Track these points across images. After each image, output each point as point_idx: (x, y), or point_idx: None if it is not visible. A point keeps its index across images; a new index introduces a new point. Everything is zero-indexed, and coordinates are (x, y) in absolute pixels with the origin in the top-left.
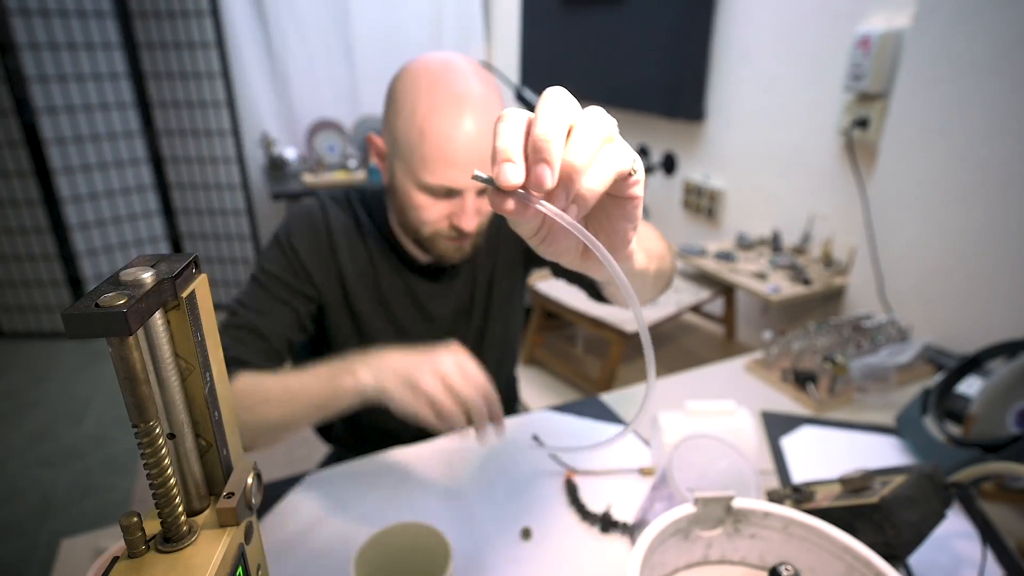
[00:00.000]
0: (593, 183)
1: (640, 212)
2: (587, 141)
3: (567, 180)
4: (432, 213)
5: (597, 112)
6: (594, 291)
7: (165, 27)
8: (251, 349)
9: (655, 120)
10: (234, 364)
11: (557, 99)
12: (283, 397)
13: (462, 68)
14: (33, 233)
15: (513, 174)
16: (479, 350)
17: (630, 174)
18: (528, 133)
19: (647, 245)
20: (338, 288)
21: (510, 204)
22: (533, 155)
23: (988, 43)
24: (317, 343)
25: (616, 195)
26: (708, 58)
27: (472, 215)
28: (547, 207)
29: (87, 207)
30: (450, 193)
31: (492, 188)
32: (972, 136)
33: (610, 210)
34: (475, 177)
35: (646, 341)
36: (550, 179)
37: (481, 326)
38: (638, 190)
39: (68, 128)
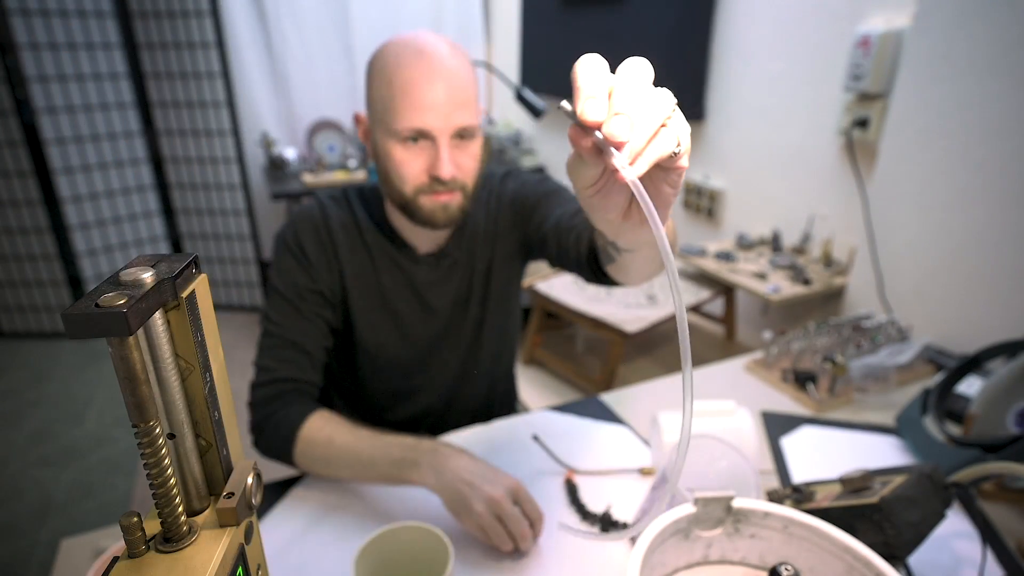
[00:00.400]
0: (651, 155)
1: (682, 178)
2: (653, 117)
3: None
4: (411, 167)
5: (664, 93)
6: (593, 273)
7: (165, 27)
8: (298, 366)
9: None
10: (287, 384)
11: (636, 68)
12: (349, 462)
13: (428, 34)
14: (33, 233)
15: (596, 111)
16: (477, 341)
17: (677, 152)
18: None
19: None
20: (339, 284)
21: (588, 142)
22: (615, 105)
23: (988, 43)
24: None
25: (665, 166)
26: (708, 58)
27: (447, 162)
28: (620, 159)
29: (87, 207)
30: (424, 139)
31: (574, 123)
32: (972, 136)
33: (657, 176)
34: (559, 107)
35: (679, 305)
36: (627, 131)
37: (479, 317)
38: (684, 162)
39: (68, 128)
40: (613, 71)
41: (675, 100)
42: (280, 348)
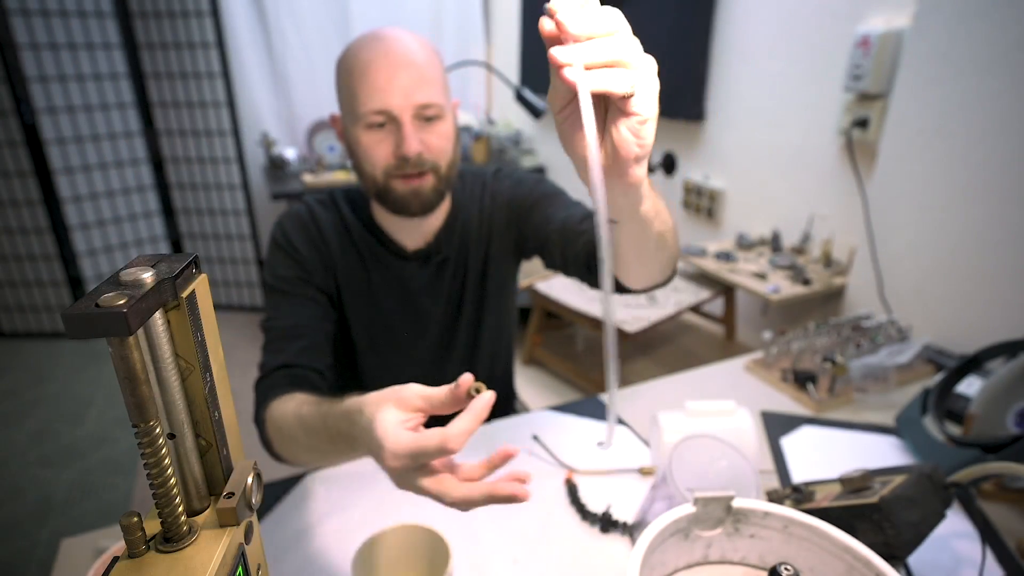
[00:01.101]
0: (602, 79)
1: (648, 134)
2: (613, 49)
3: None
4: (378, 151)
5: (636, 44)
6: (583, 271)
7: (165, 27)
8: (289, 352)
9: None
10: (278, 373)
11: (619, 17)
12: (306, 443)
13: (390, 27)
14: (33, 233)
15: (548, 24)
16: (475, 342)
17: (625, 96)
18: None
19: (657, 205)
20: (333, 284)
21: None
22: (588, 18)
23: (988, 43)
24: None
25: (619, 106)
26: (708, 58)
27: (411, 138)
28: (566, 55)
29: (87, 207)
30: (390, 123)
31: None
32: (972, 136)
33: (616, 118)
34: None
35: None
36: (588, 28)
37: (475, 318)
38: (638, 108)
39: (68, 128)
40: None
41: (652, 62)
42: (274, 341)
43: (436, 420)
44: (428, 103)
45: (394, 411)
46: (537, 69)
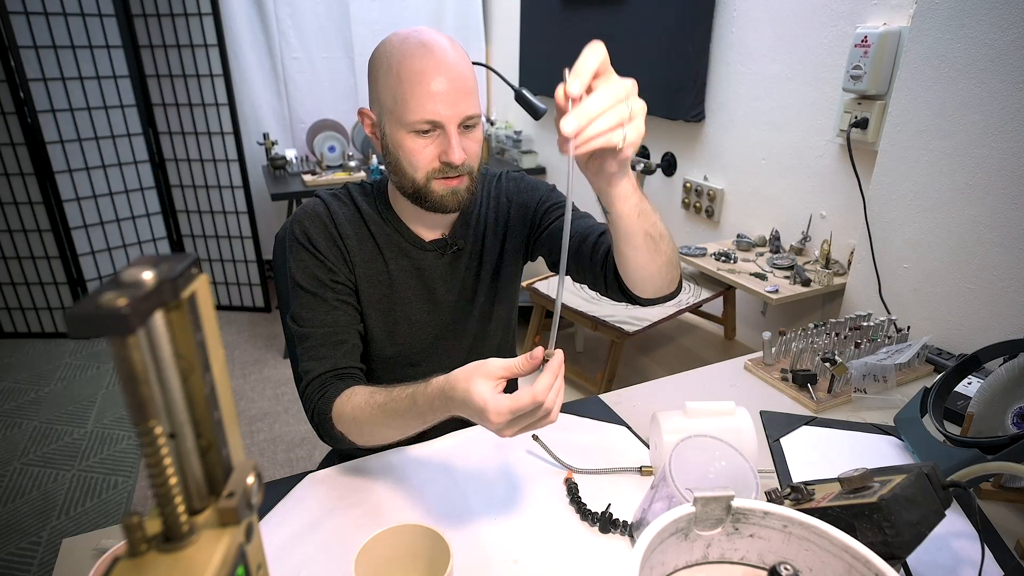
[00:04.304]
0: (593, 144)
1: (627, 163)
2: (608, 122)
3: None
4: (423, 156)
5: (627, 107)
6: (609, 282)
7: (166, 28)
8: (335, 358)
9: (655, 120)
10: (327, 376)
11: (621, 85)
12: (382, 419)
13: (427, 28)
14: (34, 233)
15: (574, 87)
16: (483, 332)
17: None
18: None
19: (642, 205)
20: (352, 277)
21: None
22: (585, 103)
23: (986, 44)
24: None
25: (608, 151)
26: (708, 59)
27: (458, 148)
28: (568, 124)
29: (88, 207)
30: (435, 129)
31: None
32: (971, 136)
33: (605, 154)
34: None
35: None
36: (574, 128)
37: (487, 310)
38: (627, 152)
39: (70, 128)
40: (614, 68)
41: (643, 109)
42: (316, 347)
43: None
44: (472, 115)
45: (483, 382)
46: (537, 70)
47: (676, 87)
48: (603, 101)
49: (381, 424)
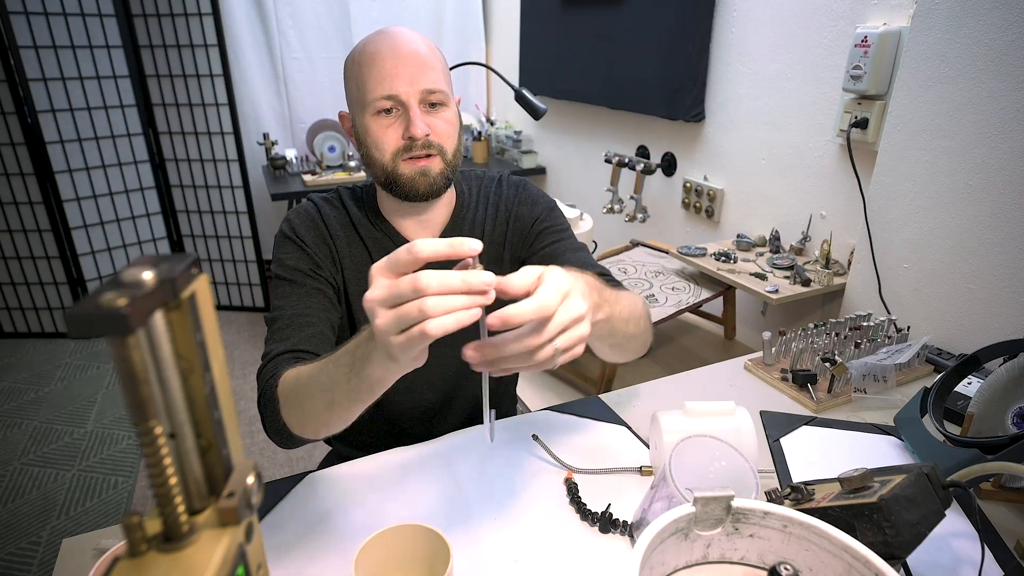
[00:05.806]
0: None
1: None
2: (523, 360)
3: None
4: (388, 136)
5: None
6: None
7: (166, 28)
8: (295, 339)
9: (655, 120)
10: (282, 357)
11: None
12: (315, 388)
13: (395, 25)
14: (34, 233)
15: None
16: (475, 336)
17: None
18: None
19: (615, 311)
20: (340, 279)
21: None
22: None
23: (986, 44)
24: None
25: None
26: (708, 58)
27: (419, 120)
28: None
29: (88, 207)
30: (397, 108)
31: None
32: (970, 136)
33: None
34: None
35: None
36: (484, 361)
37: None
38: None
39: (70, 128)
40: (615, 70)
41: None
42: (281, 329)
43: (444, 417)
44: (433, 88)
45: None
46: (537, 69)
47: (676, 87)
48: (520, 346)
49: (312, 395)
